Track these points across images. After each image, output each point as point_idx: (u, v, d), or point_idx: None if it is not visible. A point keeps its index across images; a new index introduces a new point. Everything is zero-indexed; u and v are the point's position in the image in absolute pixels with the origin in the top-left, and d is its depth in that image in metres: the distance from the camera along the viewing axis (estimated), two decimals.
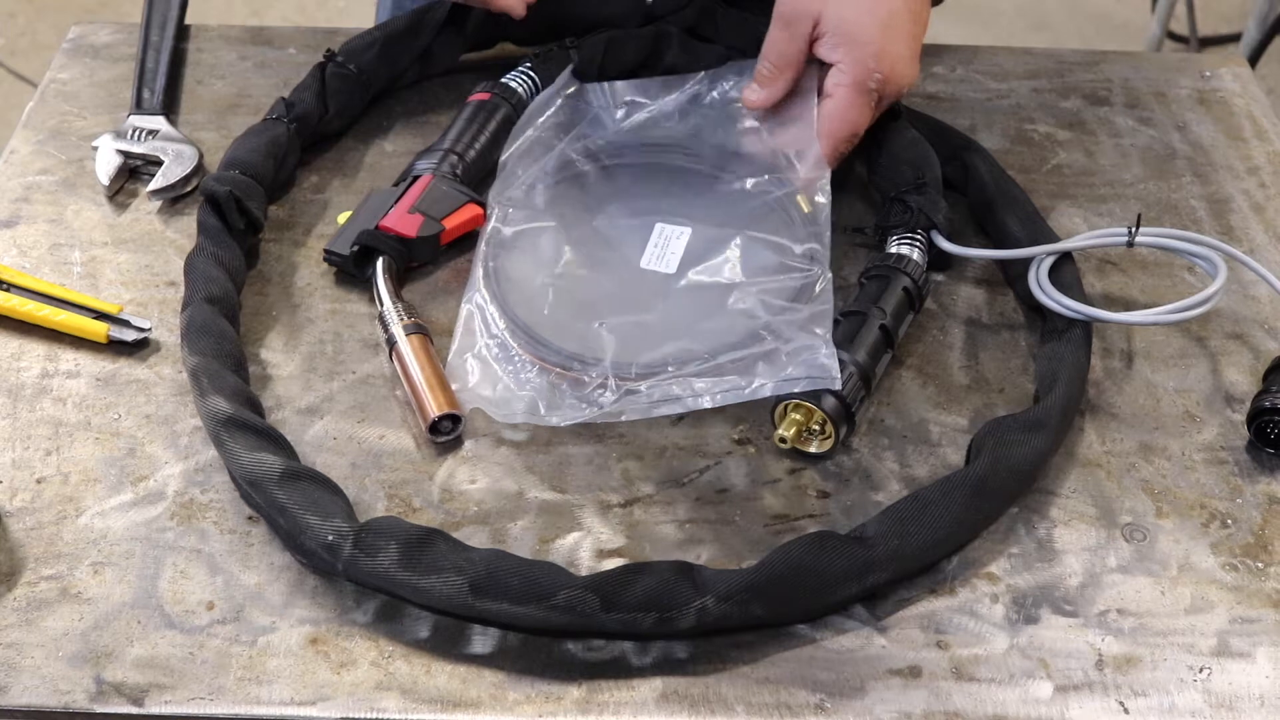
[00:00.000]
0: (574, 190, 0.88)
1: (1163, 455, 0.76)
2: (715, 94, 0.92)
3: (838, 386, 0.73)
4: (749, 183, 0.87)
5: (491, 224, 0.85)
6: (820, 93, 0.86)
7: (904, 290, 0.79)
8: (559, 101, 0.91)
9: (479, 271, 0.82)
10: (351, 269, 0.83)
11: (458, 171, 0.88)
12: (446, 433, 0.74)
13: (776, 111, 0.89)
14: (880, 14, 0.83)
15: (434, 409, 0.74)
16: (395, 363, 0.78)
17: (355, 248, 0.83)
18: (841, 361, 0.74)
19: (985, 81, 1.02)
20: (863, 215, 0.90)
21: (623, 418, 0.74)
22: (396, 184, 0.87)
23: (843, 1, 0.84)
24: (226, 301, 0.79)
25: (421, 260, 0.85)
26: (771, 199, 0.86)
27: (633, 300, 0.80)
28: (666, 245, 0.83)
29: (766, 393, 0.74)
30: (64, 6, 2.62)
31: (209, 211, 0.83)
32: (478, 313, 0.79)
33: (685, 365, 0.75)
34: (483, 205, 0.86)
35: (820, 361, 0.73)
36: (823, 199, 0.84)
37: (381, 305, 0.80)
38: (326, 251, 0.84)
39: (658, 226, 0.85)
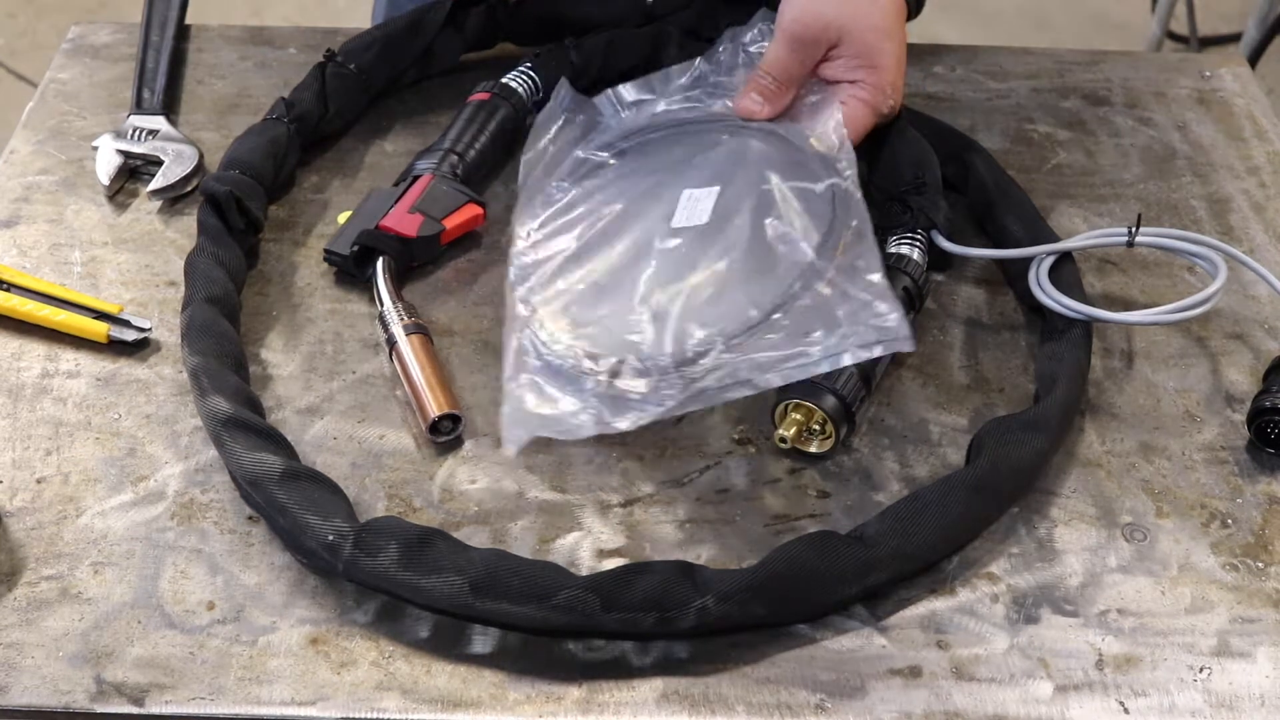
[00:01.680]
0: (594, 182, 0.86)
1: (1163, 455, 0.76)
2: (734, 45, 0.91)
3: (911, 348, 0.70)
4: (765, 135, 0.85)
5: (517, 246, 0.82)
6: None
7: (904, 290, 0.79)
8: (563, 118, 0.90)
9: (517, 306, 0.78)
10: (351, 269, 0.83)
11: (458, 171, 0.88)
12: (446, 433, 0.74)
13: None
14: (896, 41, 0.84)
15: (434, 409, 0.74)
16: (395, 363, 0.78)
17: (355, 248, 0.82)
18: None
19: (985, 81, 1.02)
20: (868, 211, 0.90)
21: (692, 408, 0.71)
22: (396, 184, 0.87)
23: (863, 28, 0.84)
24: (227, 301, 0.79)
25: (422, 260, 0.85)
26: (791, 149, 0.84)
27: (673, 269, 0.77)
28: (696, 206, 0.81)
29: (845, 361, 0.70)
30: (64, 6, 2.62)
31: (209, 211, 0.83)
32: (528, 345, 0.76)
33: (737, 334, 0.72)
34: (483, 205, 0.86)
35: (887, 324, 0.70)
36: (836, 139, 0.83)
37: (381, 305, 0.80)
38: (326, 251, 0.84)
39: (685, 192, 0.82)
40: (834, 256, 0.75)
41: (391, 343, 0.78)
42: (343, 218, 0.85)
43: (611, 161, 0.88)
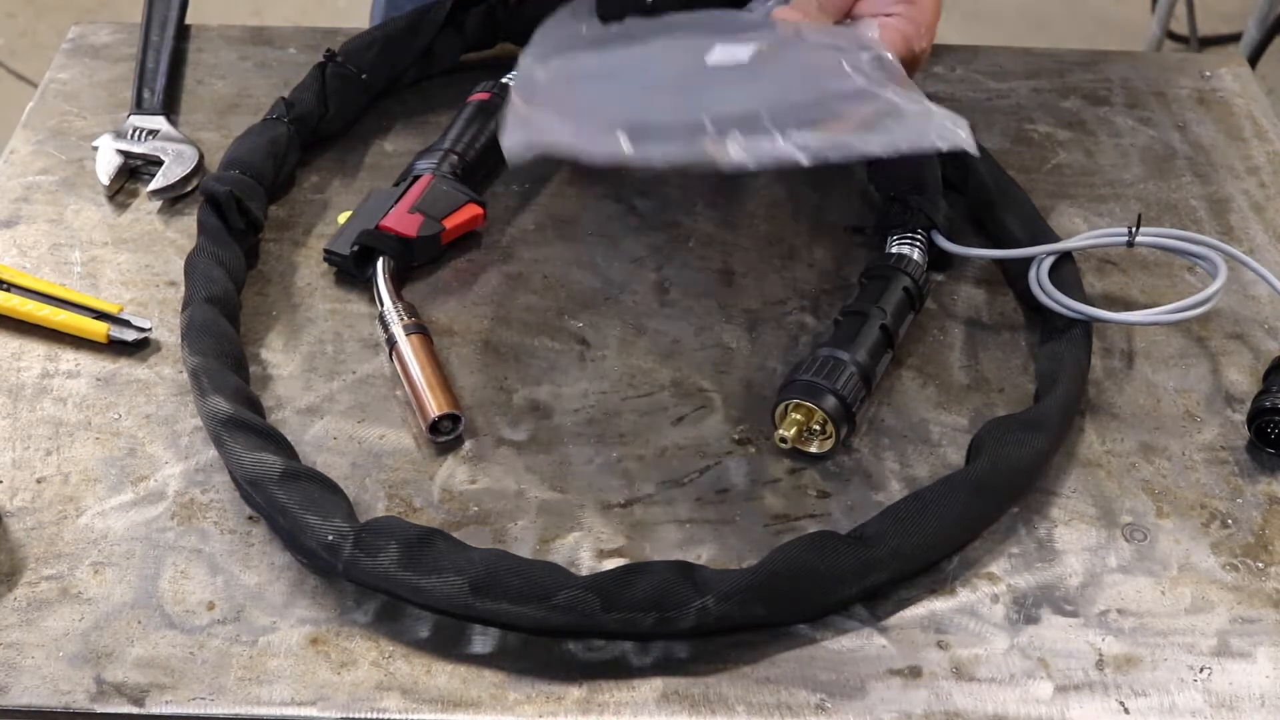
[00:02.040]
0: (618, 30, 0.82)
1: (1163, 455, 0.76)
2: None
3: (974, 149, 0.68)
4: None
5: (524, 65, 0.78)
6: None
7: (904, 290, 0.79)
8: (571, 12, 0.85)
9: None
10: (351, 269, 0.83)
11: (458, 171, 0.87)
12: (446, 433, 0.74)
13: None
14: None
15: (434, 409, 0.74)
16: (395, 363, 0.78)
17: (355, 248, 0.82)
18: (842, 361, 0.74)
19: (985, 81, 1.02)
20: (862, 215, 0.90)
21: (725, 160, 0.67)
22: (397, 184, 0.87)
23: None
24: (227, 301, 0.79)
25: (422, 260, 0.85)
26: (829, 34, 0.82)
27: (706, 88, 0.74)
28: (732, 52, 0.78)
29: (902, 147, 0.67)
30: (64, 6, 2.62)
31: (209, 211, 0.83)
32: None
33: (786, 118, 0.68)
34: (483, 205, 0.86)
35: (945, 123, 0.69)
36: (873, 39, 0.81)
37: (381, 305, 0.80)
38: (326, 251, 0.84)
39: (719, 46, 0.78)
40: (885, 84, 0.73)
41: (391, 343, 0.78)
42: (343, 218, 0.85)
43: (635, 23, 0.83)
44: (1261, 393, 0.76)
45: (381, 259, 0.82)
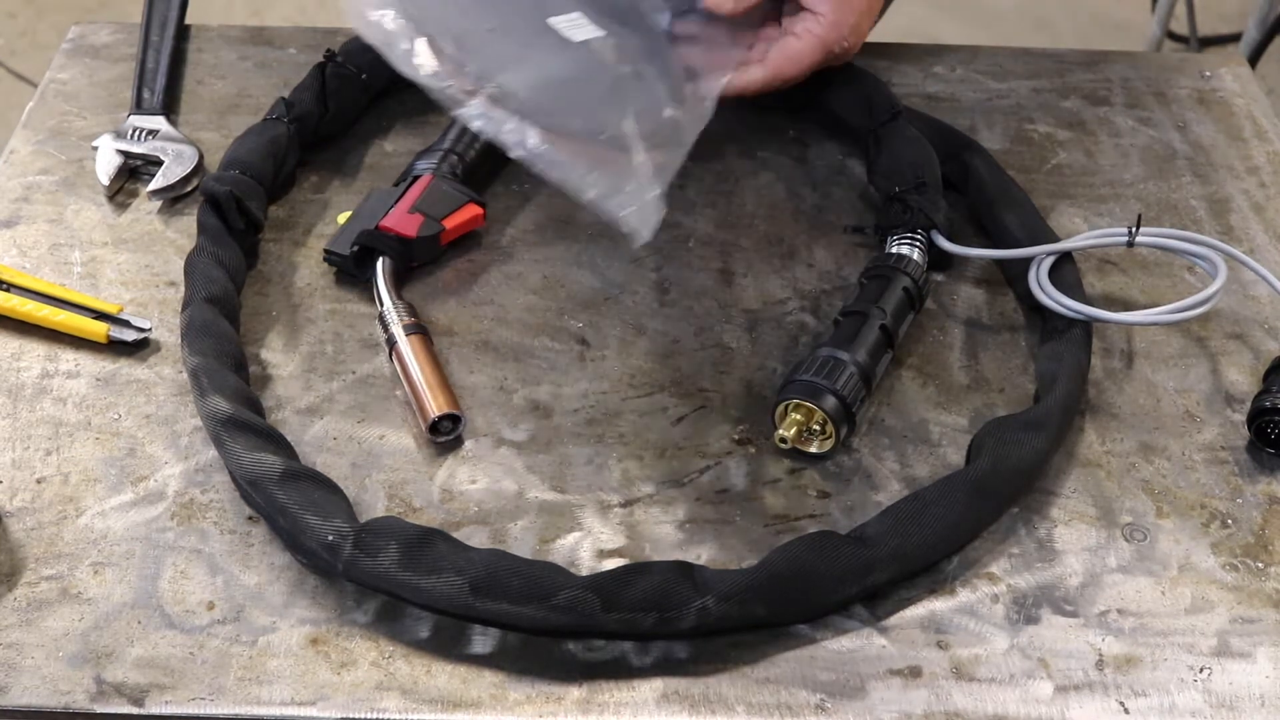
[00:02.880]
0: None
1: (1163, 455, 0.76)
2: None
3: (647, 233, 0.73)
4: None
5: None
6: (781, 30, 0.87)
7: (904, 290, 0.79)
8: None
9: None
10: (351, 269, 0.83)
11: (457, 171, 0.87)
12: (446, 433, 0.74)
13: (719, 24, 0.88)
14: None
15: (434, 409, 0.74)
16: (395, 363, 0.78)
17: (355, 248, 0.82)
18: (842, 361, 0.74)
19: (985, 81, 1.02)
20: (862, 216, 0.90)
21: (459, 110, 0.74)
22: (397, 184, 0.87)
23: None
24: (227, 301, 0.79)
25: (421, 260, 0.85)
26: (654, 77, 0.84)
27: (526, 42, 0.78)
28: (575, 28, 0.81)
29: (587, 196, 0.73)
30: (64, 6, 2.62)
31: (209, 211, 0.83)
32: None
33: (538, 109, 0.73)
34: (483, 205, 0.86)
35: (648, 200, 0.73)
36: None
37: (381, 305, 0.80)
38: (326, 251, 0.84)
39: (576, 14, 0.82)
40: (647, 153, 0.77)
41: (391, 343, 0.78)
42: (343, 218, 0.85)
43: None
44: (1261, 393, 0.76)
45: (381, 259, 0.82)
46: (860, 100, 0.92)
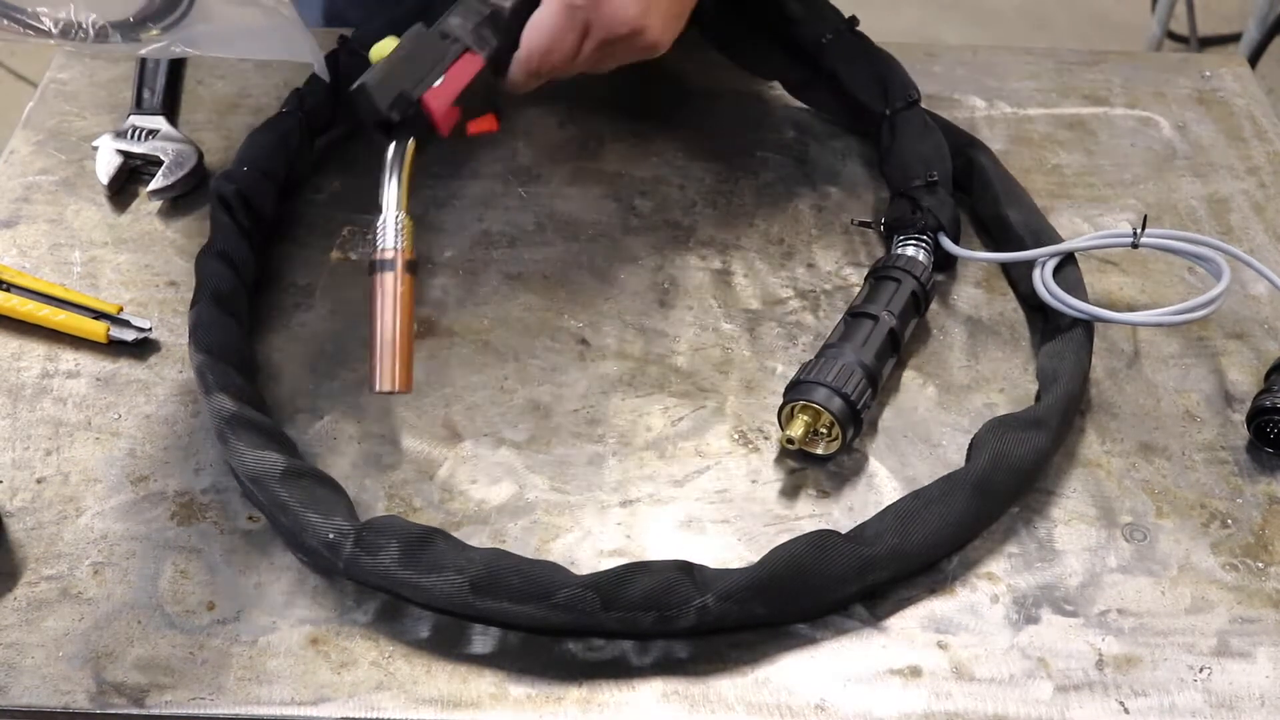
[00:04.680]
0: None
1: (1163, 455, 0.76)
2: None
3: (324, 73, 0.71)
4: None
5: None
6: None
7: (912, 294, 0.79)
8: None
9: None
10: (379, 133, 0.72)
11: (500, 65, 0.77)
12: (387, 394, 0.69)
13: None
14: None
15: (387, 383, 0.68)
16: (370, 288, 0.68)
17: (395, 115, 0.71)
18: (851, 364, 0.74)
19: (985, 81, 1.03)
20: (863, 215, 0.90)
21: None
22: (446, 35, 0.75)
23: None
24: (234, 299, 0.79)
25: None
26: None
27: None
28: None
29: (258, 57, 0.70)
30: None
31: (219, 209, 0.83)
32: None
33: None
34: (500, 117, 0.77)
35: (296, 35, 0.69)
36: None
37: (392, 210, 0.68)
38: (358, 93, 0.72)
39: None
40: None
41: (380, 267, 0.68)
42: (385, 47, 0.73)
43: None
44: (1261, 392, 0.76)
45: (410, 143, 0.72)
46: (875, 80, 0.92)
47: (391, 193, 0.70)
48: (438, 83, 0.73)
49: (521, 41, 0.78)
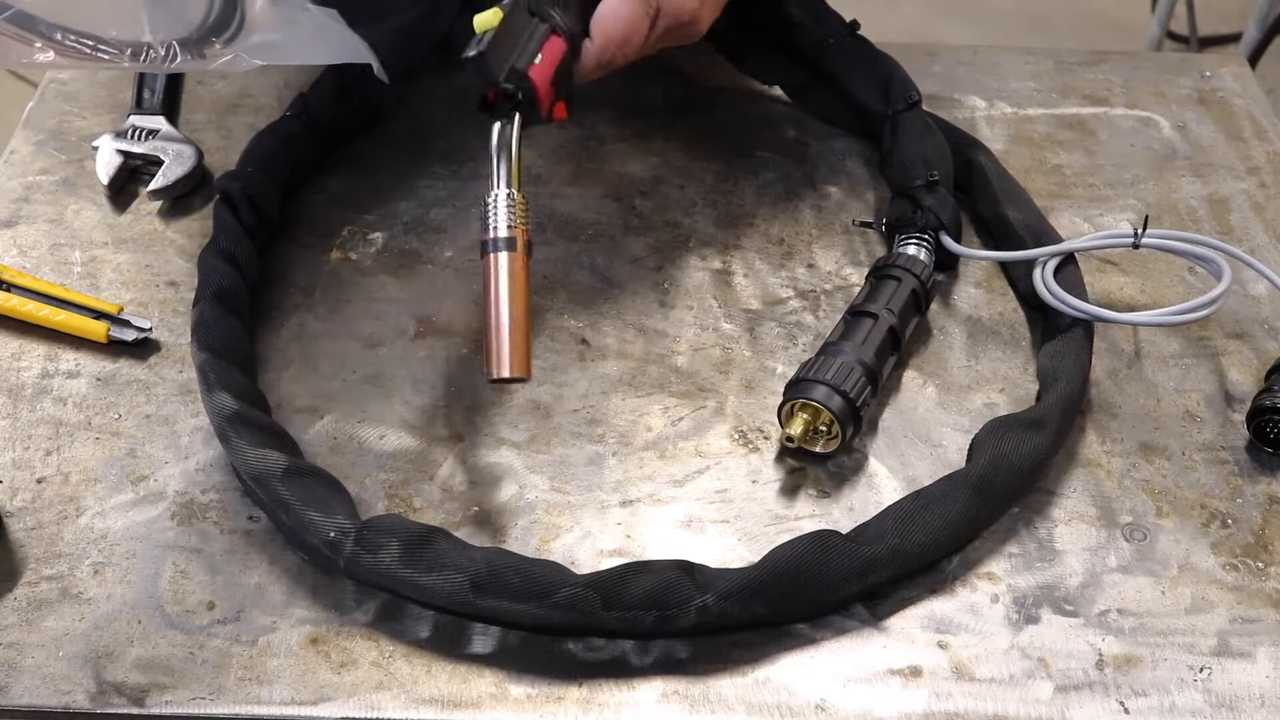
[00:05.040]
0: None
1: (1163, 455, 0.76)
2: None
3: (382, 74, 0.71)
4: None
5: None
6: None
7: (912, 292, 0.79)
8: None
9: None
10: (482, 106, 0.70)
11: (575, 50, 0.75)
12: (506, 383, 0.68)
13: None
14: None
15: (508, 367, 0.65)
16: (493, 274, 0.66)
17: (511, 88, 0.69)
18: (850, 362, 0.74)
19: (985, 81, 1.03)
20: (863, 215, 0.90)
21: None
22: (531, 15, 0.73)
23: None
24: (237, 298, 0.78)
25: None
26: None
27: None
28: None
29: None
30: None
31: (223, 208, 0.83)
32: None
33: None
34: (571, 106, 0.75)
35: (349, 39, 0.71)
36: None
37: (503, 188, 0.66)
38: (476, 61, 0.69)
39: None
40: None
41: (495, 248, 0.66)
42: (493, 18, 0.70)
43: None
44: (1261, 392, 0.76)
45: (517, 119, 0.69)
46: (877, 82, 0.92)
47: (503, 169, 0.68)
48: (537, 60, 0.70)
49: (595, 31, 0.77)
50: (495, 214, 0.67)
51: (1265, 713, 0.64)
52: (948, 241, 0.84)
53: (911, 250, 0.83)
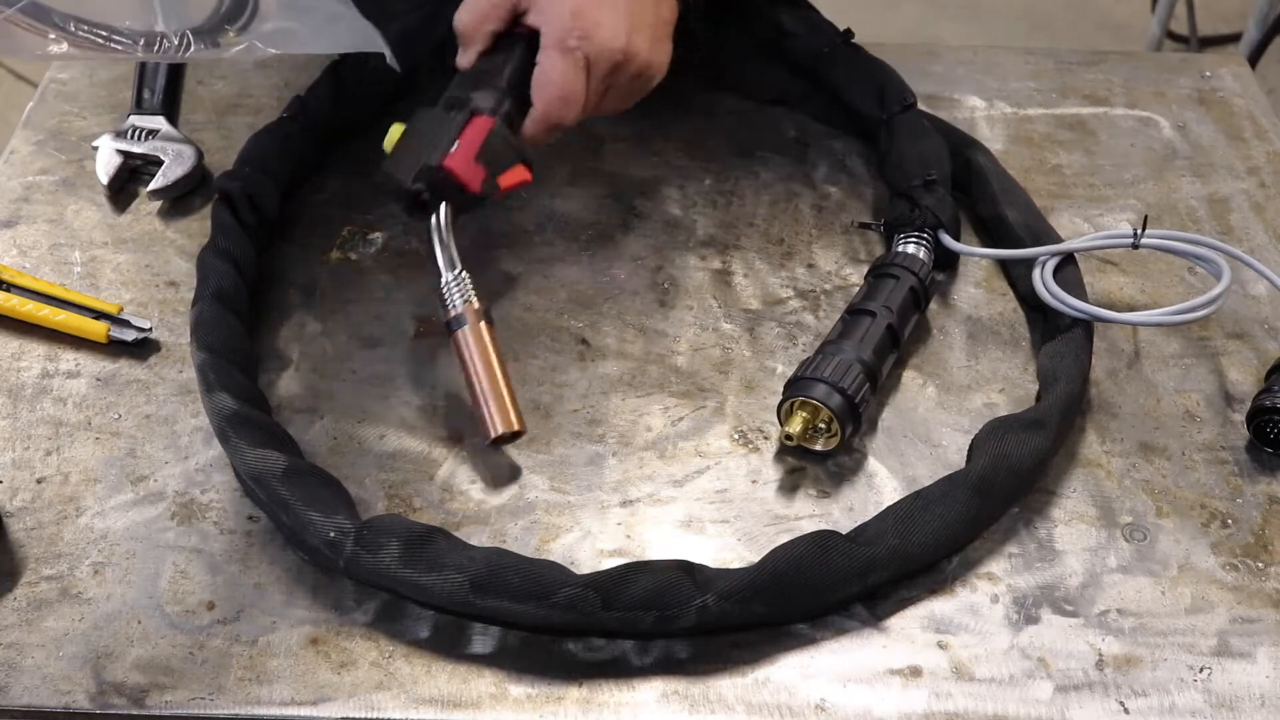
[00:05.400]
0: None
1: (1163, 455, 0.76)
2: None
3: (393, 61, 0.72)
4: None
5: None
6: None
7: (910, 290, 0.79)
8: None
9: None
10: (408, 204, 0.76)
11: (513, 121, 0.79)
12: (506, 442, 0.73)
13: None
14: None
15: (498, 425, 0.71)
16: (463, 347, 0.72)
17: (420, 188, 0.75)
18: (849, 360, 0.74)
19: (985, 81, 1.03)
20: (863, 215, 0.90)
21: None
22: (450, 107, 0.78)
23: None
24: (236, 298, 0.78)
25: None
26: None
27: None
28: None
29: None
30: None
31: (222, 208, 0.83)
32: None
33: None
34: (531, 167, 0.79)
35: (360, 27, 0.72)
36: None
37: (448, 273, 0.72)
38: (386, 173, 0.77)
39: None
40: None
41: (459, 324, 0.72)
42: (396, 133, 0.77)
43: None
44: (1261, 392, 0.76)
45: (444, 207, 0.75)
46: (872, 88, 0.92)
47: (443, 256, 0.74)
48: (454, 148, 0.76)
49: (535, 99, 0.79)
50: (449, 297, 0.73)
51: (1265, 713, 0.64)
52: (946, 239, 0.84)
53: (910, 249, 0.83)
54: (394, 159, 0.77)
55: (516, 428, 0.72)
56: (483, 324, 0.73)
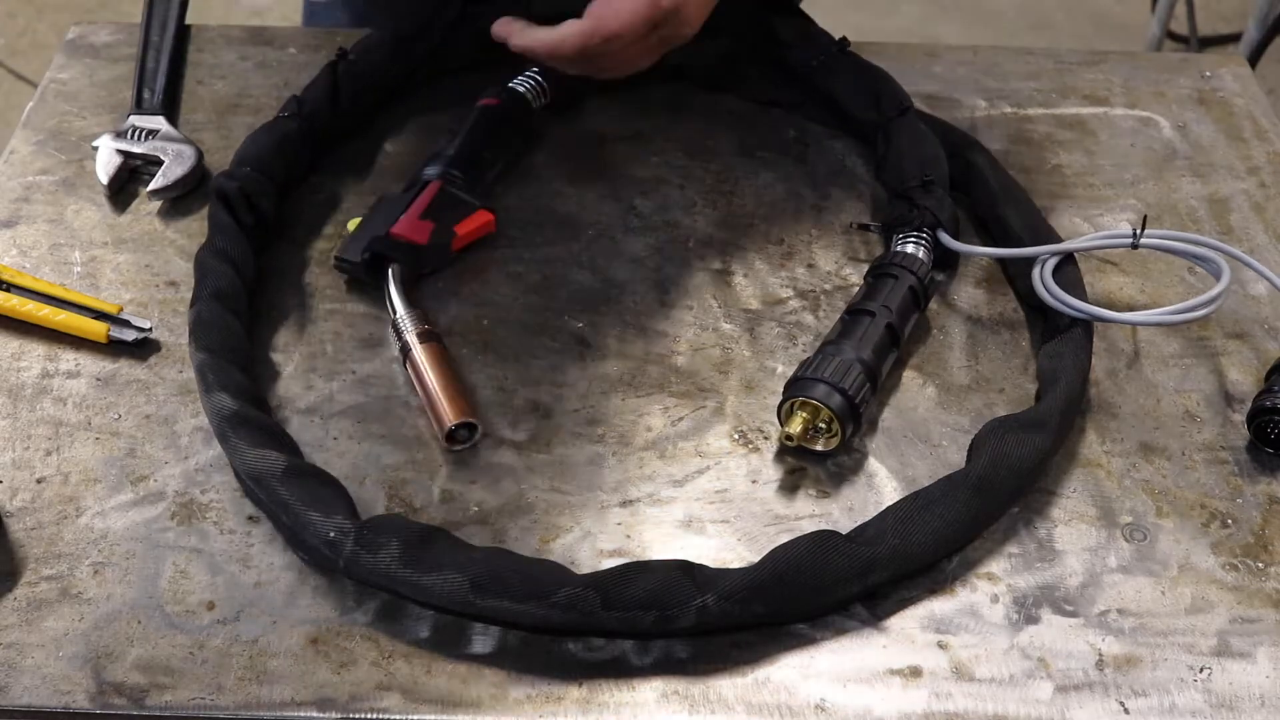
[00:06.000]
0: None
1: (1163, 455, 0.76)
2: None
3: None
4: None
5: None
6: None
7: (910, 289, 0.79)
8: None
9: None
10: (363, 276, 0.83)
11: (465, 178, 0.87)
12: (463, 441, 0.74)
13: None
14: None
15: (449, 418, 0.74)
16: (410, 371, 0.77)
17: (366, 255, 0.82)
18: (849, 360, 0.74)
19: (985, 81, 1.03)
20: (863, 215, 0.90)
21: None
22: (406, 190, 0.87)
23: None
24: (235, 298, 0.79)
25: (433, 267, 0.85)
26: None
27: None
28: None
29: None
30: (64, 6, 2.62)
31: (220, 208, 0.83)
32: None
33: None
34: (493, 211, 0.86)
35: None
36: None
37: (395, 313, 0.80)
38: (337, 259, 0.84)
39: None
40: None
41: (406, 351, 0.78)
42: (353, 225, 0.85)
43: None
44: (1262, 392, 0.76)
45: (393, 266, 0.82)
46: (868, 94, 0.93)
47: (397, 303, 0.80)
48: (402, 216, 0.84)
49: (590, 14, 0.81)
50: (400, 329, 0.79)
51: (1265, 713, 0.64)
52: (946, 238, 0.84)
53: (909, 248, 0.83)
54: (347, 244, 0.83)
55: (462, 418, 0.74)
56: (430, 343, 0.77)
